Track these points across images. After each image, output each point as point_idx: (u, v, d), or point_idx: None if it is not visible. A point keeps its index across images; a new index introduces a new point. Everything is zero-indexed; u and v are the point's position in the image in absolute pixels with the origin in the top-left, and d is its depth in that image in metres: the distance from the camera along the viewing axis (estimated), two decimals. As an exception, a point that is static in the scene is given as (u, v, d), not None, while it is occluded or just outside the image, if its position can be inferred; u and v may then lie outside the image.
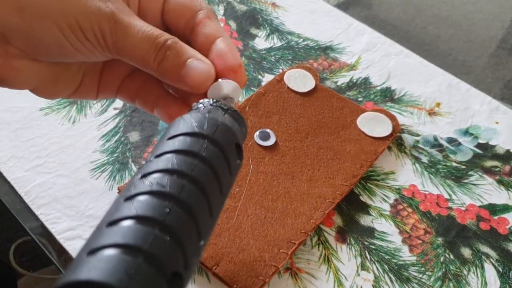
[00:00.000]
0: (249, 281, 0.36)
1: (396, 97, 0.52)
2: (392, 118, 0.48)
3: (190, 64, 0.27)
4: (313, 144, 0.45)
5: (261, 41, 0.57)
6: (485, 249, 0.41)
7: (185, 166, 0.23)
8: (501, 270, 0.40)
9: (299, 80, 0.50)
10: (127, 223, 0.20)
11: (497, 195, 0.45)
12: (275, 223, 0.39)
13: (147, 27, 0.27)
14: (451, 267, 0.39)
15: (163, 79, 0.29)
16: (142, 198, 0.21)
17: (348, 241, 0.40)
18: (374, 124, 0.47)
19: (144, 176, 0.23)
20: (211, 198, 0.24)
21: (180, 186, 0.22)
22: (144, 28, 0.27)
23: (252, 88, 0.51)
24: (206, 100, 0.28)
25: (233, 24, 0.59)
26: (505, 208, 0.44)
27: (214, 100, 0.28)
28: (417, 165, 0.46)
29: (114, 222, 0.20)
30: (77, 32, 0.26)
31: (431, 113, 0.51)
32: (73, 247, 0.38)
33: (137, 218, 0.20)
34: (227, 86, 0.30)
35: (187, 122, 0.26)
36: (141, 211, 0.21)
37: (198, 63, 0.27)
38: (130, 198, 0.22)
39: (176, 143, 0.24)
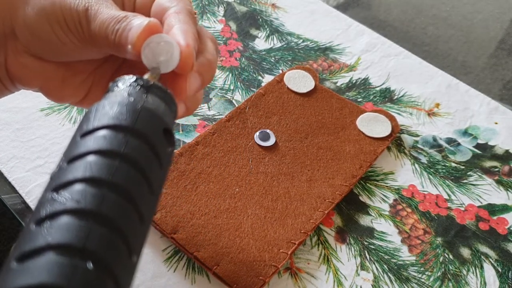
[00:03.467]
0: (249, 281, 0.36)
1: (395, 97, 0.52)
2: (392, 119, 0.48)
3: (133, 27, 0.26)
4: (312, 144, 0.45)
5: (261, 42, 0.57)
6: (484, 249, 0.41)
7: (103, 171, 0.19)
8: (500, 270, 0.40)
9: (299, 80, 0.51)
10: (40, 257, 0.17)
11: (496, 195, 0.45)
12: (275, 223, 0.39)
13: (117, 11, 0.28)
14: (451, 267, 0.39)
15: (121, 54, 0.28)
16: (54, 221, 0.18)
17: (348, 241, 0.40)
18: (373, 125, 0.47)
19: (56, 189, 0.19)
20: (140, 203, 0.20)
21: (99, 198, 0.19)
22: (112, 11, 0.27)
23: (252, 89, 0.51)
24: (125, 77, 0.24)
25: (233, 25, 0.59)
26: (504, 208, 0.44)
27: (134, 78, 0.24)
28: (416, 165, 0.46)
29: (25, 256, 0.17)
30: (63, 25, 0.28)
31: (431, 113, 0.51)
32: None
33: (51, 248, 0.17)
34: (157, 42, 0.25)
35: (102, 112, 0.22)
36: (55, 239, 0.17)
37: (138, 22, 0.26)
38: (41, 222, 0.18)
39: (90, 142, 0.21)
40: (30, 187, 0.41)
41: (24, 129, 0.45)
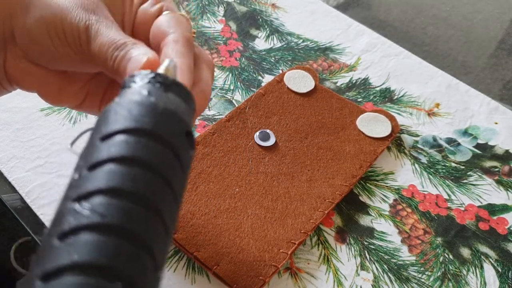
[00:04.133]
0: (249, 281, 0.36)
1: (395, 97, 0.52)
2: (392, 119, 0.48)
3: (133, 58, 0.26)
4: (312, 144, 0.45)
5: (261, 42, 0.57)
6: (484, 249, 0.41)
7: (127, 181, 0.19)
8: (500, 270, 0.40)
9: (299, 80, 0.51)
10: (66, 276, 0.16)
11: (496, 195, 0.45)
12: (275, 223, 0.39)
13: (117, 34, 0.28)
14: (451, 267, 0.39)
15: (116, 79, 0.28)
16: (79, 237, 0.17)
17: (348, 241, 0.40)
18: (373, 125, 0.47)
19: (78, 199, 0.18)
20: (165, 214, 0.19)
21: (125, 212, 0.18)
22: (112, 34, 0.27)
23: (252, 89, 0.51)
24: (142, 72, 0.23)
25: (233, 25, 0.59)
26: (504, 208, 0.44)
27: (153, 74, 0.22)
28: (416, 165, 0.46)
29: (50, 275, 0.16)
30: (62, 37, 0.28)
31: (431, 113, 0.51)
32: (74, 247, 0.38)
33: (78, 267, 0.16)
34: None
35: (121, 113, 0.20)
36: (81, 257, 0.17)
37: (140, 54, 0.26)
38: (64, 237, 0.17)
39: (111, 148, 0.19)
40: (30, 187, 0.41)
41: (24, 129, 0.45)
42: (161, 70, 0.23)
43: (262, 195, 0.41)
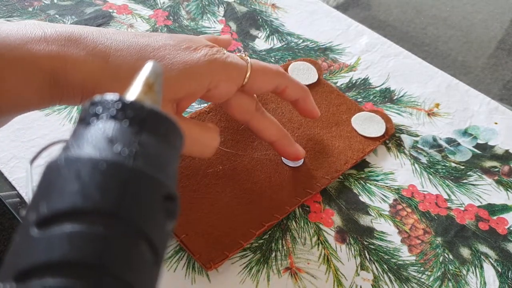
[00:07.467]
0: (212, 254, 0.37)
1: (395, 97, 0.52)
2: (387, 120, 0.48)
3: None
4: (303, 135, 0.46)
5: (261, 42, 0.57)
6: (484, 249, 0.41)
7: None
8: (500, 270, 0.40)
9: (303, 72, 0.51)
10: None
11: (496, 195, 0.45)
12: (250, 204, 0.40)
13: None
14: (450, 267, 0.39)
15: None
16: None
17: (348, 241, 0.40)
18: (367, 124, 0.48)
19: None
20: None
21: None
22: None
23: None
24: (107, 99, 0.17)
25: (233, 25, 0.59)
26: (504, 208, 0.44)
27: (120, 104, 0.16)
28: (416, 165, 0.46)
29: None
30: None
31: (430, 113, 0.51)
32: (74, 247, 0.38)
33: None
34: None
35: (67, 178, 0.15)
36: None
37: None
38: None
39: (51, 245, 0.14)
40: (31, 188, 0.41)
41: (24, 129, 0.45)
42: (136, 93, 0.17)
43: (244, 177, 0.42)
